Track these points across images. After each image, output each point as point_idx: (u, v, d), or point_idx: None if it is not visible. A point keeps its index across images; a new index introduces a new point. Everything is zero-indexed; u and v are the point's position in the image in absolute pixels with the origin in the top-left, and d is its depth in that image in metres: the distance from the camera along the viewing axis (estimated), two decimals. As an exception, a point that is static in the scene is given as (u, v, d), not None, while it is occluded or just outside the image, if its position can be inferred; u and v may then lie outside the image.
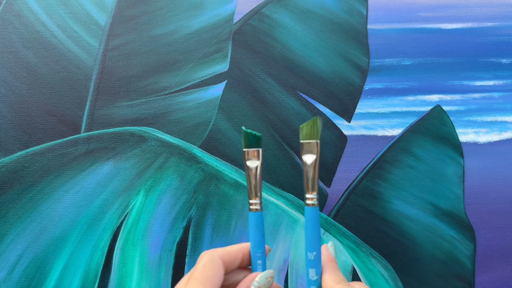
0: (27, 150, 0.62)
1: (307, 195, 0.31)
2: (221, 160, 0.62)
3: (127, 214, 0.60)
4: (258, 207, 0.32)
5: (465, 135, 0.63)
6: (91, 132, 0.63)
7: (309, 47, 0.66)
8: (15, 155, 0.62)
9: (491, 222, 0.60)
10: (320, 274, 0.32)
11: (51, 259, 0.58)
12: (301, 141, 0.31)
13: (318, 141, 0.31)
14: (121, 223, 0.59)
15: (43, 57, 0.65)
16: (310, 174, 0.31)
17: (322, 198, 0.61)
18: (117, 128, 0.63)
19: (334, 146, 0.63)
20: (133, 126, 0.63)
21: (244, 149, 0.32)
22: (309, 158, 0.30)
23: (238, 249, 0.32)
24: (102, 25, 0.66)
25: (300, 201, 0.61)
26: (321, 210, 0.61)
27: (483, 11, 0.68)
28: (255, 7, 0.67)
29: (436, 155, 0.62)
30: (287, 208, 0.60)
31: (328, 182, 0.62)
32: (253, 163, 0.32)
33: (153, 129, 0.63)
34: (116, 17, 0.67)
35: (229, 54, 0.65)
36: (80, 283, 0.58)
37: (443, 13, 0.67)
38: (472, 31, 0.67)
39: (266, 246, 0.34)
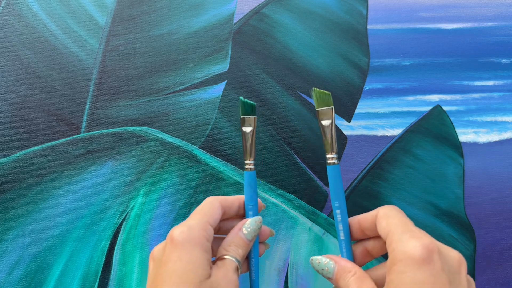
0: (27, 150, 0.62)
1: (328, 155, 0.36)
2: (221, 160, 0.62)
3: (127, 214, 0.60)
4: (252, 166, 0.39)
5: (465, 135, 0.63)
6: (91, 132, 0.63)
7: (309, 47, 0.66)
8: (15, 155, 0.62)
9: (491, 222, 0.60)
10: (348, 232, 0.35)
11: (51, 259, 0.58)
12: (317, 109, 0.36)
13: (333, 107, 0.36)
14: (121, 223, 0.59)
15: (43, 57, 0.65)
16: (328, 136, 0.36)
17: (322, 198, 0.61)
18: (117, 128, 0.63)
19: (334, 146, 0.63)
20: (133, 126, 0.63)
21: (241, 117, 0.38)
22: (326, 122, 0.36)
23: (235, 198, 0.37)
24: (102, 25, 0.66)
25: (300, 201, 0.61)
26: (321, 210, 0.61)
27: (483, 11, 0.68)
28: (255, 7, 0.67)
29: (436, 155, 0.62)
30: (287, 208, 0.60)
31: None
32: (248, 129, 0.38)
33: (153, 129, 0.63)
34: (116, 17, 0.67)
35: (229, 54, 0.65)
36: (80, 283, 0.58)
37: (443, 13, 0.67)
38: (472, 31, 0.67)
39: (260, 202, 0.38)
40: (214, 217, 0.34)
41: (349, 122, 0.64)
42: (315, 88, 0.36)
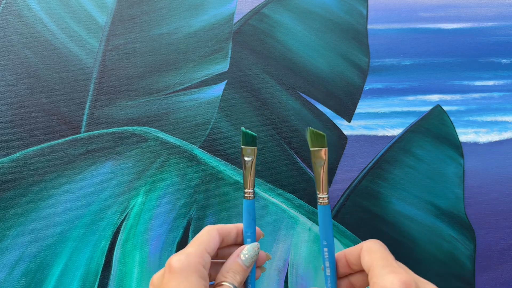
0: (27, 150, 0.62)
1: (319, 195, 0.36)
2: (221, 160, 0.62)
3: (127, 214, 0.60)
4: (251, 195, 0.38)
5: (465, 135, 0.63)
6: (91, 132, 0.63)
7: (309, 47, 0.66)
8: (15, 155, 0.62)
9: (491, 222, 0.60)
10: (334, 269, 0.36)
11: (51, 259, 0.58)
12: (312, 149, 0.36)
13: (326, 148, 0.35)
14: (121, 223, 0.59)
15: (43, 57, 0.65)
16: (321, 176, 0.35)
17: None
18: (117, 128, 0.63)
19: (334, 146, 0.63)
20: (133, 126, 0.63)
21: (242, 147, 0.38)
22: (319, 163, 0.35)
23: (233, 226, 0.38)
24: (102, 25, 0.66)
25: (300, 201, 0.61)
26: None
27: (483, 11, 0.68)
28: (255, 7, 0.67)
29: (436, 155, 0.62)
30: (287, 208, 0.60)
31: (328, 182, 0.62)
32: (249, 158, 0.38)
33: (153, 129, 0.63)
34: (116, 17, 0.67)
35: (229, 54, 0.65)
36: (80, 283, 0.58)
37: (443, 13, 0.67)
38: (472, 31, 0.67)
39: (259, 230, 0.39)
40: (211, 245, 0.35)
41: (349, 122, 0.64)
42: (310, 128, 0.36)
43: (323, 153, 0.35)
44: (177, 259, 0.32)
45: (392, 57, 0.66)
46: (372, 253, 0.33)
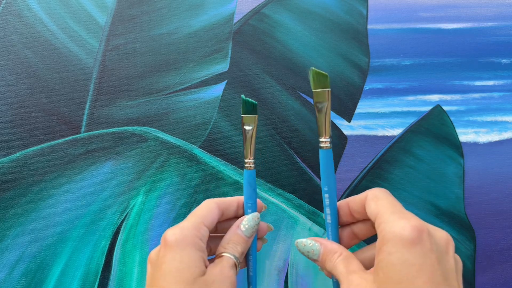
0: (27, 150, 0.62)
1: (321, 139, 0.34)
2: (221, 160, 0.62)
3: (127, 214, 0.60)
4: (251, 165, 0.38)
5: (465, 135, 0.63)
6: (91, 132, 0.63)
7: (309, 47, 0.66)
8: (15, 155, 0.62)
9: (491, 222, 0.60)
10: (335, 216, 0.34)
11: (51, 259, 0.58)
12: (314, 90, 0.34)
13: (329, 89, 0.33)
14: (121, 223, 0.59)
15: (43, 57, 0.65)
16: (323, 119, 0.33)
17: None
18: (117, 128, 0.63)
19: (334, 146, 0.63)
20: (133, 126, 0.63)
21: (242, 115, 0.36)
22: (321, 105, 0.33)
23: (233, 199, 0.37)
24: (102, 25, 0.66)
25: (300, 201, 0.61)
26: (321, 210, 0.61)
27: (483, 11, 0.68)
28: (255, 7, 0.67)
29: (436, 155, 0.62)
30: (287, 208, 0.60)
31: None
32: (249, 127, 0.36)
33: (153, 129, 0.63)
34: (116, 17, 0.67)
35: (229, 54, 0.65)
36: (80, 283, 0.58)
37: (443, 13, 0.67)
38: (472, 31, 0.67)
39: (260, 202, 0.38)
40: (209, 218, 0.34)
41: (349, 122, 0.64)
42: (312, 68, 0.35)
43: (326, 94, 0.34)
44: (172, 233, 0.31)
45: (392, 57, 0.66)
46: (379, 200, 0.31)
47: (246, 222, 0.36)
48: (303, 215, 0.60)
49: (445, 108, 0.64)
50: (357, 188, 0.62)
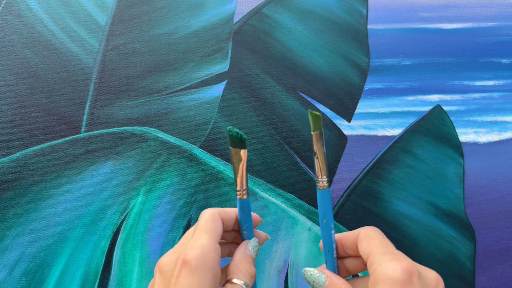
0: (27, 150, 0.62)
1: (319, 179, 0.34)
2: (221, 160, 0.62)
3: (127, 214, 0.60)
4: (244, 195, 0.35)
5: (465, 135, 0.63)
6: (91, 132, 0.63)
7: (309, 47, 0.66)
8: (15, 155, 0.62)
9: (491, 222, 0.60)
10: (334, 250, 0.35)
11: (51, 259, 0.58)
12: (312, 133, 0.32)
13: (321, 130, 0.32)
14: (121, 223, 0.59)
15: (43, 57, 0.65)
16: (322, 158, 0.33)
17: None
18: (117, 128, 0.63)
19: (334, 146, 0.63)
20: (133, 126, 0.63)
21: (230, 147, 0.33)
22: (320, 145, 0.32)
23: (233, 211, 0.36)
24: (102, 25, 0.66)
25: (300, 201, 0.61)
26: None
27: (483, 11, 0.68)
28: (255, 7, 0.67)
29: (436, 155, 0.62)
30: (287, 208, 0.60)
31: (328, 182, 0.62)
32: (238, 161, 0.34)
33: (153, 129, 0.63)
34: (116, 17, 0.67)
35: (229, 54, 0.65)
36: (80, 283, 0.58)
37: (443, 13, 0.67)
38: (472, 31, 0.67)
39: (257, 217, 0.37)
40: (219, 234, 0.34)
41: (349, 122, 0.64)
42: (310, 111, 0.33)
43: (321, 133, 0.33)
44: (193, 255, 0.30)
45: (392, 57, 0.66)
46: (371, 239, 0.32)
47: (253, 243, 0.36)
48: (303, 215, 0.60)
49: (445, 108, 0.64)
50: (357, 188, 0.62)
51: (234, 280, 0.33)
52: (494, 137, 0.63)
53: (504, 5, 0.67)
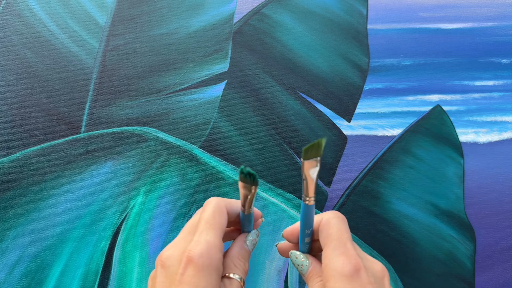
0: (27, 150, 0.62)
1: (307, 198, 0.33)
2: (221, 160, 0.62)
3: (127, 214, 0.60)
4: (250, 211, 0.35)
5: (465, 135, 0.63)
6: (91, 132, 0.63)
7: (309, 47, 0.66)
8: (15, 155, 0.62)
9: (491, 222, 0.60)
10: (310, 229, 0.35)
11: (51, 259, 0.58)
12: (303, 160, 0.31)
13: (320, 158, 0.31)
14: (121, 223, 0.59)
15: (43, 57, 0.65)
16: (309, 182, 0.32)
17: (322, 198, 0.61)
18: (117, 128, 0.63)
19: (334, 146, 0.63)
20: (133, 126, 0.63)
21: (240, 181, 0.32)
22: (312, 171, 0.32)
23: (238, 204, 0.36)
24: (102, 25, 0.66)
25: (300, 201, 0.61)
26: (321, 210, 0.61)
27: (483, 11, 0.68)
28: (255, 7, 0.67)
29: (436, 155, 0.62)
30: (287, 208, 0.60)
31: (328, 182, 0.62)
32: (248, 193, 0.33)
33: (153, 129, 0.63)
34: (116, 17, 0.67)
35: (229, 54, 0.65)
36: (80, 283, 0.58)
37: (443, 13, 0.67)
38: (472, 31, 0.67)
39: (258, 213, 0.37)
40: (224, 229, 0.34)
41: (349, 122, 0.64)
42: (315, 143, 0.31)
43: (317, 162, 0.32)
44: (199, 254, 0.30)
45: (392, 57, 0.66)
46: (329, 229, 0.33)
47: (252, 237, 0.37)
48: (303, 215, 0.60)
49: (445, 108, 0.64)
50: (357, 188, 0.62)
51: (231, 275, 0.34)
52: (494, 137, 0.63)
53: (504, 5, 0.67)
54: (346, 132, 0.63)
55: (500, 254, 0.60)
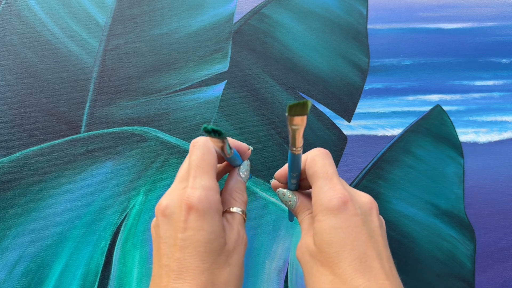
0: (27, 150, 0.62)
1: (293, 148, 0.33)
2: (221, 160, 0.62)
3: (127, 214, 0.60)
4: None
5: (465, 135, 0.63)
6: (91, 132, 0.63)
7: (309, 47, 0.66)
8: (15, 155, 0.62)
9: (491, 222, 0.60)
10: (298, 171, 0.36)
11: (51, 259, 0.58)
12: (289, 116, 0.30)
13: (307, 116, 0.30)
14: (121, 223, 0.59)
15: (43, 57, 0.65)
16: (296, 135, 0.31)
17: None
18: (117, 128, 0.63)
19: (334, 146, 0.63)
20: (133, 126, 0.63)
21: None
22: (295, 127, 0.30)
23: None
24: (102, 25, 0.66)
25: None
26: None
27: (483, 11, 0.68)
28: (255, 7, 0.67)
29: (436, 155, 0.62)
30: (287, 208, 0.60)
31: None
32: (221, 144, 0.33)
33: (153, 129, 0.63)
34: (116, 17, 0.67)
35: (229, 54, 0.65)
36: (80, 283, 0.58)
37: (443, 13, 0.67)
38: (472, 31, 0.67)
39: (245, 146, 0.38)
40: (216, 169, 0.34)
41: (349, 122, 0.64)
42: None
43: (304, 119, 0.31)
44: (198, 199, 0.30)
45: (392, 57, 0.66)
46: (315, 166, 0.34)
47: (244, 168, 0.38)
48: (303, 215, 0.60)
49: (445, 108, 0.64)
50: (357, 188, 0.61)
51: (233, 209, 0.35)
52: (494, 137, 0.63)
53: (504, 5, 0.67)
54: (346, 132, 0.63)
55: (500, 254, 0.60)
